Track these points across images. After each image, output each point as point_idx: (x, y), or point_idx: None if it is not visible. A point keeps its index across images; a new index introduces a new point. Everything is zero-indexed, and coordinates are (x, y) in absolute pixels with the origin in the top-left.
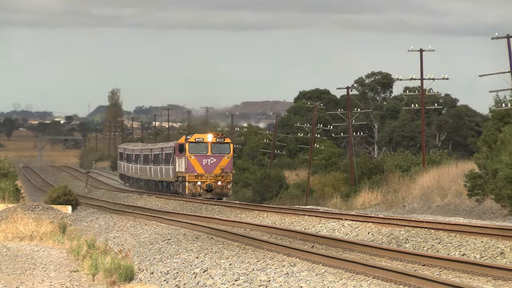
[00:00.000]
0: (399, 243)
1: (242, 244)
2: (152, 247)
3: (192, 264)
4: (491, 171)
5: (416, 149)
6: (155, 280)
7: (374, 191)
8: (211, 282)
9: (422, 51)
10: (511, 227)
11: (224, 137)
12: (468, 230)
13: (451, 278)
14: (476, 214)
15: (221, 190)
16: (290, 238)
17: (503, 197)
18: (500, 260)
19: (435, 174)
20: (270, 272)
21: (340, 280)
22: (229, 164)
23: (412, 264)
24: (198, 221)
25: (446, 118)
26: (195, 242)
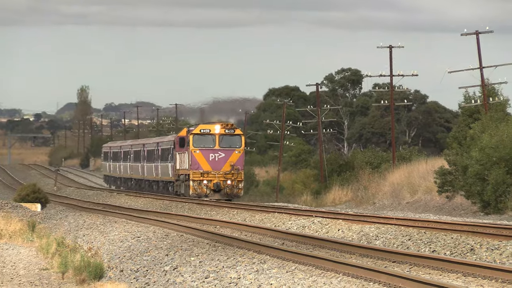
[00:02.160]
0: (369, 240)
1: (212, 241)
2: (121, 245)
3: (162, 261)
4: (461, 167)
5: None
6: (125, 278)
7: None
8: (181, 280)
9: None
10: (481, 223)
11: (234, 128)
12: (438, 227)
13: (422, 275)
14: (446, 211)
15: (231, 190)
16: (260, 235)
17: (473, 194)
18: (470, 256)
19: (405, 171)
20: (240, 269)
21: (310, 277)
22: (240, 159)
23: (382, 261)
24: (168, 219)
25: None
26: (164, 240)
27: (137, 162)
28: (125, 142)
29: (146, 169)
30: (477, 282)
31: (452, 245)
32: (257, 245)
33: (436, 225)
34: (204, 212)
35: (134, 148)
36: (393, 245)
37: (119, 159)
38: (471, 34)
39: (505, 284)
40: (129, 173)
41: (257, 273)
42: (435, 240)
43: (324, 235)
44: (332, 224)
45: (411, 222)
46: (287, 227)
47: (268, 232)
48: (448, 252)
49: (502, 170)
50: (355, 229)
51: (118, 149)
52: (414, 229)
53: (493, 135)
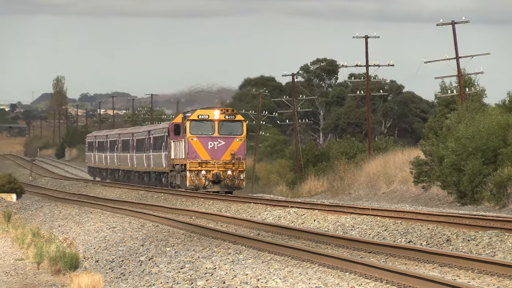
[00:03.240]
0: (345, 230)
1: (187, 232)
2: (97, 236)
3: (137, 252)
4: (437, 158)
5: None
6: (100, 268)
7: (320, 178)
8: (157, 270)
9: (367, 37)
10: (458, 214)
11: (235, 113)
12: (414, 217)
13: (398, 265)
14: (422, 201)
15: (232, 182)
16: (236, 226)
17: (449, 184)
18: (447, 247)
19: (381, 161)
20: (215, 260)
21: (286, 268)
22: (241, 148)
23: (358, 251)
24: (143, 209)
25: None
26: (140, 230)
27: (126, 152)
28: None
29: (136, 159)
30: (453, 272)
31: (428, 236)
32: (233, 235)
33: (412, 216)
34: (179, 202)
35: (122, 137)
36: (369, 236)
37: (105, 149)
38: (447, 24)
39: (481, 274)
40: (117, 164)
41: (232, 264)
42: (411, 231)
43: (299, 226)
44: (308, 215)
45: (387, 212)
46: (263, 218)
47: (244, 223)
48: (424, 242)
49: (478, 161)
50: (331, 220)
51: (104, 139)
52: (390, 220)
53: (469, 125)
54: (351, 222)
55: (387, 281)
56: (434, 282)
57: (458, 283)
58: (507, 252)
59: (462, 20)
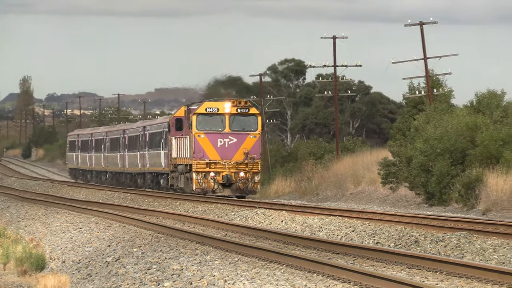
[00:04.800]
0: (312, 231)
1: (154, 232)
2: (63, 236)
3: (104, 253)
4: (405, 158)
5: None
6: (67, 269)
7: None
8: (124, 271)
9: (335, 38)
10: (426, 215)
11: (249, 106)
12: (382, 218)
13: (365, 267)
14: (390, 202)
15: (245, 185)
16: (203, 226)
17: (417, 185)
18: (415, 248)
19: (349, 162)
20: (183, 260)
21: (254, 269)
22: (256, 145)
23: (326, 253)
24: (110, 209)
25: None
26: (107, 231)
27: (115, 151)
28: (97, 129)
29: (127, 159)
30: (421, 274)
31: (396, 237)
32: (200, 236)
33: (380, 217)
34: (146, 203)
35: (110, 136)
36: (337, 237)
37: (90, 149)
38: (415, 25)
39: (449, 276)
40: (104, 165)
41: (199, 265)
42: (379, 232)
43: (267, 227)
44: (276, 215)
45: (355, 213)
46: (230, 218)
47: (211, 223)
48: (392, 244)
49: (447, 162)
50: (299, 221)
51: (89, 137)
52: (358, 221)
53: (438, 126)
54: (319, 223)
55: (355, 283)
56: (402, 284)
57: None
58: (475, 253)
59: (430, 21)
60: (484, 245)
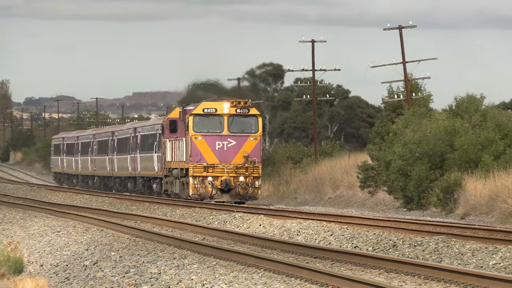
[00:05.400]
0: (291, 235)
1: (132, 236)
2: (41, 240)
3: (82, 256)
4: (383, 162)
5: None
6: (45, 272)
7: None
8: (101, 275)
9: (314, 42)
10: (404, 219)
11: (249, 106)
12: (360, 222)
13: (344, 271)
14: (368, 206)
15: (245, 190)
16: (181, 230)
17: (395, 189)
18: (393, 252)
19: (327, 166)
20: (160, 264)
21: (232, 273)
22: (257, 149)
23: (304, 257)
24: (88, 213)
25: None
26: (85, 234)
27: (103, 154)
28: (83, 132)
29: (116, 162)
30: (399, 278)
31: (374, 241)
32: (178, 240)
33: (358, 221)
34: (124, 206)
35: (98, 138)
36: (315, 241)
37: (76, 152)
38: (394, 29)
39: (427, 280)
40: (91, 169)
41: (177, 268)
42: (357, 236)
43: (245, 231)
44: (254, 219)
45: (333, 217)
46: (208, 222)
47: (189, 227)
48: (371, 248)
49: (425, 166)
50: (277, 224)
51: (74, 140)
52: (336, 225)
53: (416, 130)
54: (297, 227)
55: (333, 287)
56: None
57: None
58: (453, 257)
59: (409, 25)
60: (463, 249)
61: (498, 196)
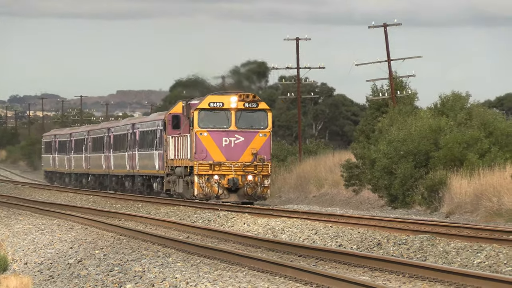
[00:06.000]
0: (275, 233)
1: (116, 234)
2: (26, 238)
3: (66, 254)
4: (368, 161)
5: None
6: (29, 270)
7: None
8: (85, 273)
9: (298, 40)
10: (389, 217)
11: (258, 100)
12: (345, 221)
13: (328, 269)
14: (353, 205)
15: (253, 190)
16: (165, 228)
17: (380, 188)
18: (377, 251)
19: (311, 164)
20: (145, 262)
21: (216, 271)
22: (266, 145)
23: (288, 255)
24: (72, 212)
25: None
26: (69, 233)
27: (99, 151)
28: (77, 129)
29: (113, 160)
30: (384, 276)
31: (358, 240)
32: (162, 238)
33: (342, 219)
34: (109, 205)
35: (93, 135)
36: (299, 239)
37: (69, 150)
38: (379, 27)
39: (412, 279)
40: (85, 167)
41: (162, 267)
42: (342, 234)
43: (229, 229)
44: (238, 218)
45: (318, 216)
46: (193, 221)
47: (173, 226)
48: (355, 246)
49: (410, 164)
50: (261, 223)
51: (67, 138)
52: (321, 223)
53: (401, 128)
54: (281, 226)
55: (317, 285)
56: (365, 286)
57: (388, 287)
58: (438, 256)
59: (394, 23)
60: (447, 247)
61: (483, 194)
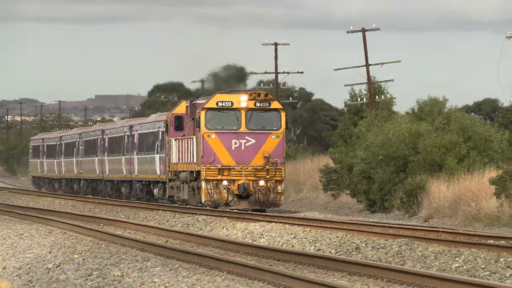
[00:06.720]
0: (253, 238)
1: (95, 239)
2: (4, 242)
3: (45, 259)
4: (346, 165)
5: None
6: (7, 275)
7: None
8: (64, 277)
9: (277, 44)
10: (367, 222)
11: (270, 99)
12: (323, 225)
13: (306, 274)
14: (332, 209)
15: (266, 196)
16: (144, 233)
17: (358, 192)
18: (356, 255)
19: (290, 169)
20: (123, 267)
21: (194, 275)
22: (279, 148)
23: (267, 259)
24: (51, 216)
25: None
26: (48, 237)
27: (92, 155)
28: (68, 132)
29: (107, 164)
30: (362, 281)
31: (337, 244)
32: (141, 243)
33: (321, 224)
34: (87, 209)
35: (85, 138)
36: (278, 243)
37: (59, 154)
38: (358, 32)
39: (390, 283)
40: (76, 171)
41: (140, 271)
42: (320, 239)
43: (208, 233)
44: (217, 222)
45: (296, 220)
46: (171, 225)
47: (152, 230)
48: (334, 250)
49: (388, 169)
50: (240, 227)
51: (57, 141)
52: (299, 227)
53: (379, 133)
54: (260, 230)
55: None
56: None
57: None
58: (416, 260)
59: (372, 28)
60: (426, 252)
61: (461, 199)
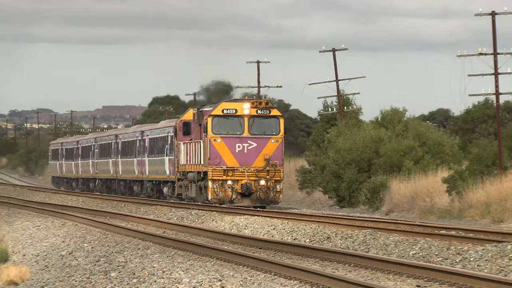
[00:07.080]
0: (239, 229)
1: (102, 230)
2: (24, 233)
3: (59, 247)
4: (319, 167)
5: None
6: (27, 261)
7: None
8: (76, 263)
9: (259, 62)
10: (337, 215)
11: (271, 107)
12: (299, 218)
13: (284, 260)
14: (306, 204)
15: (266, 194)
16: (145, 225)
17: (329, 190)
18: (327, 243)
19: None
20: (127, 254)
21: (188, 261)
22: (278, 151)
23: (250, 247)
24: (64, 210)
25: None
26: (61, 229)
27: (106, 157)
28: (83, 136)
29: (121, 165)
30: (332, 266)
31: (311, 234)
32: (142, 233)
33: (297, 217)
34: (96, 204)
35: (100, 141)
36: (260, 234)
37: (76, 156)
38: (329, 51)
39: (357, 268)
40: (92, 172)
41: (141, 258)
42: (296, 230)
43: (200, 225)
44: (207, 216)
45: (276, 214)
46: (168, 218)
47: (152, 222)
48: (308, 240)
49: (355, 170)
50: (227, 220)
51: (74, 145)
52: (278, 220)
53: (347, 139)
54: (245, 222)
55: (275, 273)
56: (316, 274)
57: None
58: (379, 248)
59: (341, 48)
60: (387, 241)
61: (417, 195)
